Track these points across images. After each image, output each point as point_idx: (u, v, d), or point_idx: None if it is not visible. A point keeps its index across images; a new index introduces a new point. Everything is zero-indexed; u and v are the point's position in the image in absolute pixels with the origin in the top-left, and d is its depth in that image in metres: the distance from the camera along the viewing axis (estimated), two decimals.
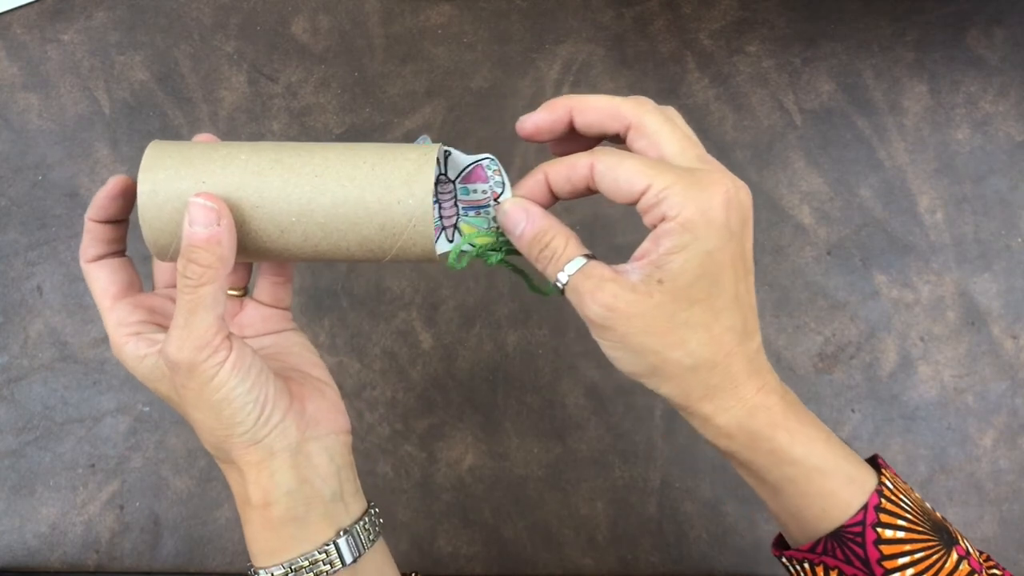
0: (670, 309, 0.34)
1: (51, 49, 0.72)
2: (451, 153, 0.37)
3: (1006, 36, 0.72)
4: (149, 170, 0.36)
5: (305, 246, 0.36)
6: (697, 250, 0.33)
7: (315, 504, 0.37)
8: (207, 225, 0.34)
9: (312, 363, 0.42)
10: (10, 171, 0.70)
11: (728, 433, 0.36)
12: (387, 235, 0.36)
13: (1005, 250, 0.69)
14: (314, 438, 0.38)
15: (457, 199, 0.38)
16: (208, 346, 0.35)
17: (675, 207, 0.33)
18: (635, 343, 0.35)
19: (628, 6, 0.73)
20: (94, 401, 0.67)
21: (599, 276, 0.35)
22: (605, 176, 0.35)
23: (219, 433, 0.36)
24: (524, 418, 0.66)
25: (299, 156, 0.36)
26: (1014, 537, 0.65)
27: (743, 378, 0.36)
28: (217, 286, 0.35)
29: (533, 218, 0.36)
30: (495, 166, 0.38)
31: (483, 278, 0.68)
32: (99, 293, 0.39)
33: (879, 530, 0.36)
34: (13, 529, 0.65)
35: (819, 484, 0.36)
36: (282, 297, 0.44)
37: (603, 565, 0.64)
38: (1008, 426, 0.66)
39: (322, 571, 0.36)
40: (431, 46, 0.72)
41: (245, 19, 0.72)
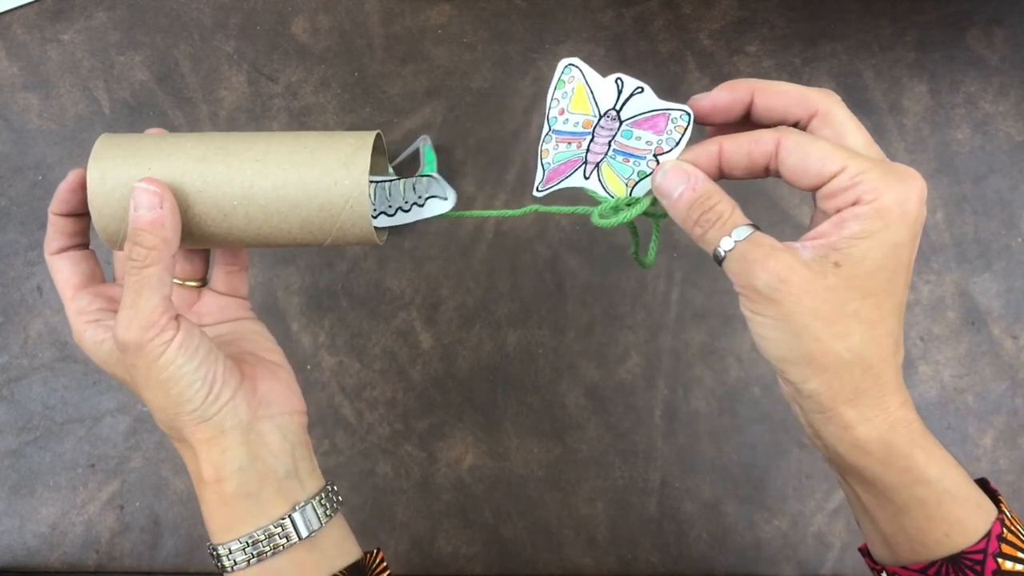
0: (843, 296, 0.33)
1: (51, 49, 0.72)
2: (643, 91, 0.36)
3: (1006, 36, 0.72)
4: (98, 159, 0.37)
5: (248, 229, 0.37)
6: (885, 240, 0.32)
7: (268, 480, 0.38)
8: (150, 208, 0.35)
9: (267, 348, 0.43)
10: (10, 171, 0.70)
11: (865, 445, 0.34)
12: (326, 216, 0.37)
13: (1005, 250, 0.69)
14: (267, 417, 0.39)
15: (615, 139, 0.37)
16: (155, 326, 0.36)
17: (872, 192, 0.32)
18: (799, 323, 0.33)
19: (628, 6, 0.73)
20: (94, 401, 0.67)
21: (770, 245, 0.34)
22: (793, 153, 0.34)
23: (169, 411, 0.37)
24: (524, 418, 0.66)
25: (243, 143, 0.37)
26: None
27: (891, 388, 0.34)
28: (162, 267, 0.36)
29: (696, 181, 0.35)
30: (684, 121, 0.36)
31: (483, 278, 0.68)
32: (61, 284, 0.40)
33: (1000, 560, 0.34)
34: (13, 529, 0.65)
35: (948, 508, 0.35)
36: (237, 286, 0.45)
37: (603, 565, 0.64)
38: (1008, 426, 0.66)
39: (278, 544, 0.37)
40: (431, 46, 0.72)
41: (245, 19, 0.72)
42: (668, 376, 0.67)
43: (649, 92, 0.36)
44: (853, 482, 0.36)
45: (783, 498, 0.65)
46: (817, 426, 0.35)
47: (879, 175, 0.33)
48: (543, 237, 0.69)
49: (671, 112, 0.36)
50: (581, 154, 0.37)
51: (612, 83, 0.36)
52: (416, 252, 0.69)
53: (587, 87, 0.36)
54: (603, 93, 0.36)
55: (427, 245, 0.69)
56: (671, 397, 0.67)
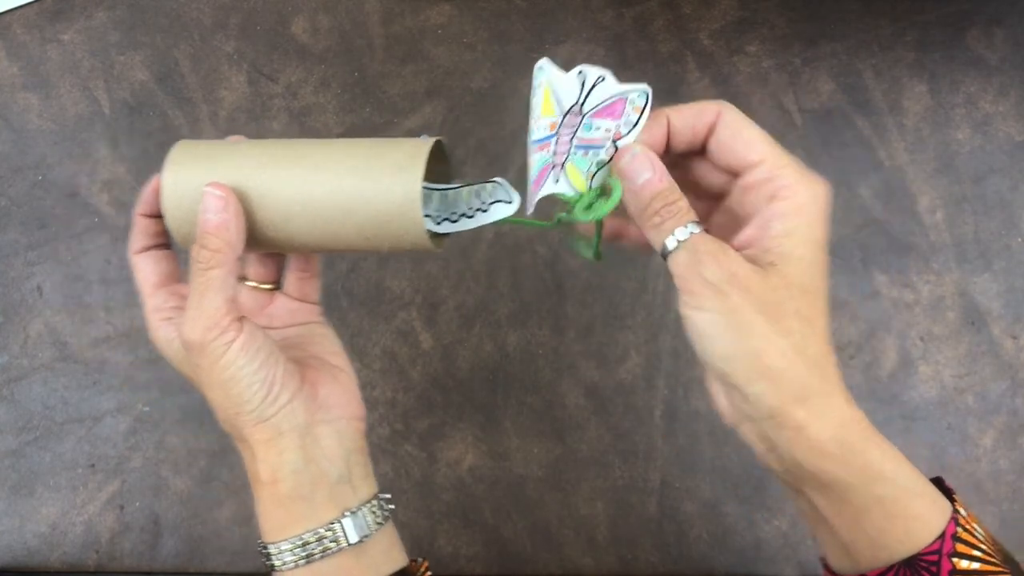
0: (783, 294, 0.33)
1: (51, 49, 0.72)
2: (604, 80, 0.36)
3: (1006, 36, 0.72)
4: (172, 164, 0.39)
5: (309, 234, 0.38)
6: (809, 237, 0.33)
7: (321, 484, 0.38)
8: (216, 212, 0.37)
9: (332, 352, 0.44)
10: (10, 171, 0.70)
11: (821, 446, 0.34)
12: (380, 223, 0.37)
13: (1005, 250, 0.69)
14: (325, 421, 0.40)
15: (576, 135, 0.37)
16: (217, 326, 0.36)
17: (789, 189, 0.33)
18: (744, 319, 0.33)
19: (628, 6, 0.73)
20: (94, 401, 0.67)
21: (721, 243, 0.34)
22: (727, 127, 0.34)
23: (229, 411, 0.38)
24: (524, 418, 0.66)
25: (304, 149, 0.38)
26: (1014, 537, 0.65)
27: (836, 384, 0.34)
28: (226, 270, 0.37)
29: (662, 173, 0.35)
30: (641, 101, 0.36)
31: (483, 278, 0.68)
32: (141, 281, 0.41)
33: (955, 560, 0.34)
34: (13, 529, 0.65)
35: (906, 505, 0.35)
36: (308, 292, 0.45)
37: (603, 565, 0.64)
38: (1008, 426, 0.66)
39: (328, 548, 0.37)
40: (431, 46, 0.72)
41: (245, 19, 0.72)
42: (668, 376, 0.67)
43: (610, 79, 0.36)
44: (810, 491, 0.36)
45: (783, 498, 0.65)
46: (771, 435, 0.35)
47: (794, 173, 0.34)
48: (543, 237, 0.69)
49: (629, 94, 0.36)
50: (549, 158, 0.36)
51: (575, 78, 0.36)
52: (416, 252, 0.68)
53: (552, 88, 0.36)
54: (566, 91, 0.36)
55: None
56: (671, 397, 0.67)
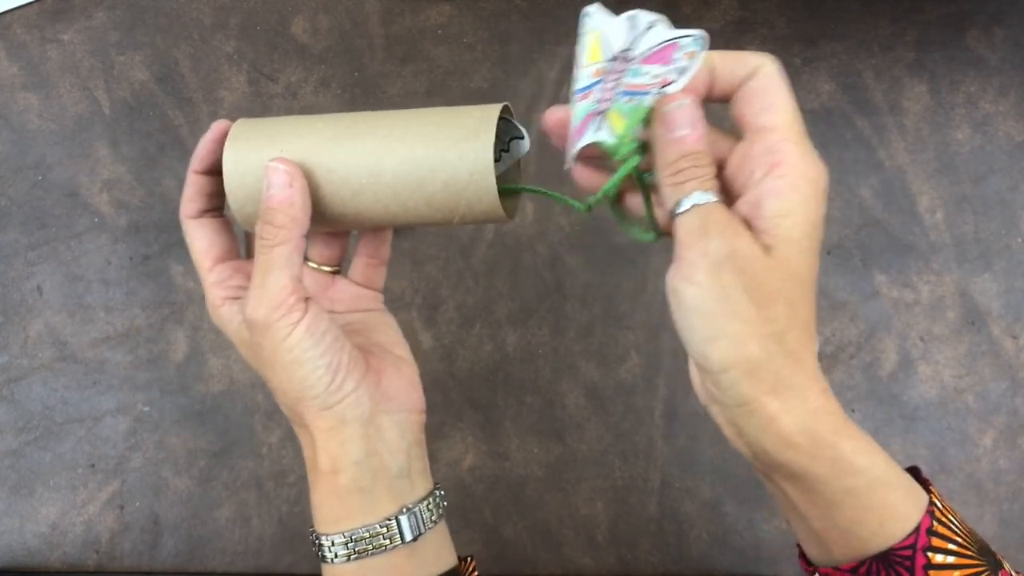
0: (776, 278, 0.32)
1: (51, 49, 0.72)
2: (655, 26, 0.34)
3: (1006, 36, 0.72)
4: (234, 141, 0.37)
5: (376, 208, 0.37)
6: (805, 219, 0.32)
7: (381, 477, 0.37)
8: (281, 187, 0.35)
9: (395, 341, 0.43)
10: (10, 171, 0.70)
11: (790, 437, 0.33)
12: (451, 192, 0.36)
13: (1005, 250, 0.69)
14: (387, 412, 0.38)
15: (622, 80, 0.34)
16: (283, 305, 0.35)
17: (789, 166, 0.32)
18: (733, 300, 0.32)
19: (628, 6, 0.73)
20: (94, 401, 0.67)
21: (731, 216, 0.32)
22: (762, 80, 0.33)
23: (292, 395, 0.37)
24: (524, 418, 0.66)
25: (371, 121, 0.37)
26: (1014, 537, 0.65)
27: (811, 376, 0.33)
28: (291, 246, 0.36)
29: (701, 132, 0.33)
30: (695, 47, 0.33)
31: (483, 278, 0.68)
32: (199, 253, 0.39)
33: (929, 554, 0.34)
34: (13, 529, 0.65)
35: (881, 496, 0.34)
36: (374, 279, 0.44)
37: (603, 565, 0.64)
38: (1008, 426, 0.66)
39: (381, 545, 0.37)
40: (431, 46, 0.72)
41: (245, 19, 0.72)
42: (668, 376, 0.67)
43: (662, 24, 0.34)
44: (780, 479, 0.35)
45: None
46: (740, 423, 0.34)
47: (799, 151, 0.32)
48: (543, 237, 0.69)
49: (681, 39, 0.33)
50: (593, 106, 0.34)
51: (625, 22, 0.34)
52: (416, 252, 0.69)
53: (601, 34, 0.34)
54: (615, 35, 0.34)
55: (427, 245, 0.69)
56: (671, 397, 0.67)
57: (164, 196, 0.69)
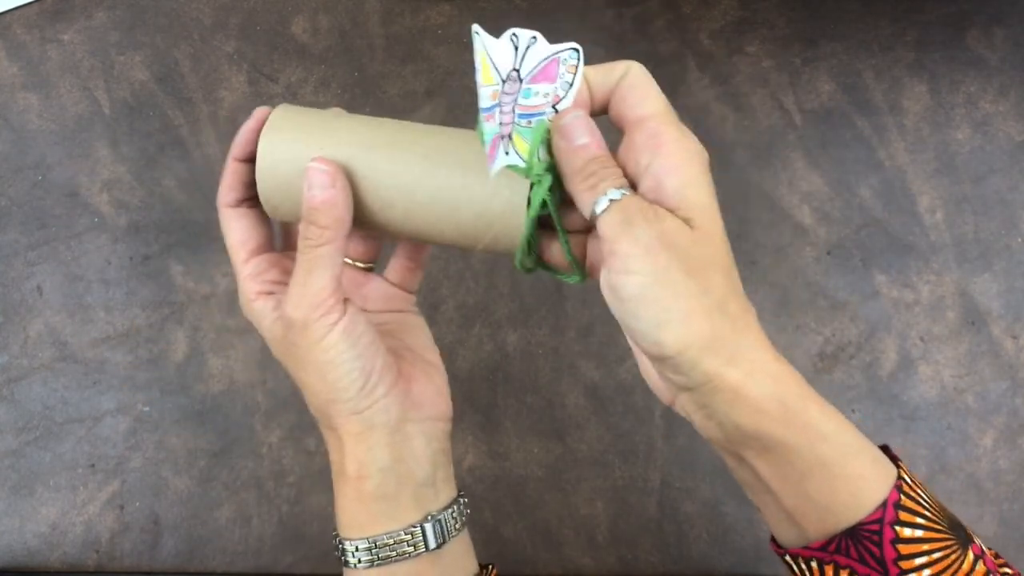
0: (705, 248, 0.33)
1: (51, 49, 0.72)
2: (536, 41, 0.35)
3: (1006, 36, 0.72)
4: (271, 130, 0.37)
5: (405, 223, 0.37)
6: (705, 187, 0.33)
7: (406, 485, 0.38)
8: (323, 188, 0.35)
9: (425, 346, 0.42)
10: (10, 171, 0.70)
11: (760, 404, 0.33)
12: (482, 224, 0.36)
13: (1005, 250, 0.69)
14: (415, 420, 0.38)
15: (516, 103, 0.36)
16: (322, 305, 0.35)
17: (674, 143, 0.33)
18: (673, 278, 0.32)
19: (628, 6, 0.73)
20: (94, 401, 0.67)
21: (650, 202, 0.33)
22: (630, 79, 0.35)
23: (323, 397, 0.37)
24: (524, 418, 0.66)
25: (412, 135, 0.37)
26: (1014, 537, 0.65)
27: (762, 341, 0.34)
28: (334, 247, 0.36)
29: (599, 138, 0.35)
30: (573, 60, 0.35)
31: (483, 278, 0.68)
32: (235, 243, 0.39)
33: (898, 528, 0.34)
34: (13, 529, 0.65)
35: (851, 465, 0.34)
36: (410, 281, 0.44)
37: (603, 565, 0.64)
38: (1008, 426, 0.66)
39: (405, 552, 0.37)
40: (431, 46, 0.72)
41: (245, 19, 0.72)
42: None
43: (541, 40, 0.35)
44: (752, 456, 0.35)
45: None
46: (707, 402, 0.34)
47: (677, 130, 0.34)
48: None
49: (560, 54, 0.35)
50: (496, 128, 0.35)
51: (508, 42, 0.35)
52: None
53: (487, 55, 0.35)
54: (501, 56, 0.35)
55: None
56: None
57: (164, 196, 0.69)
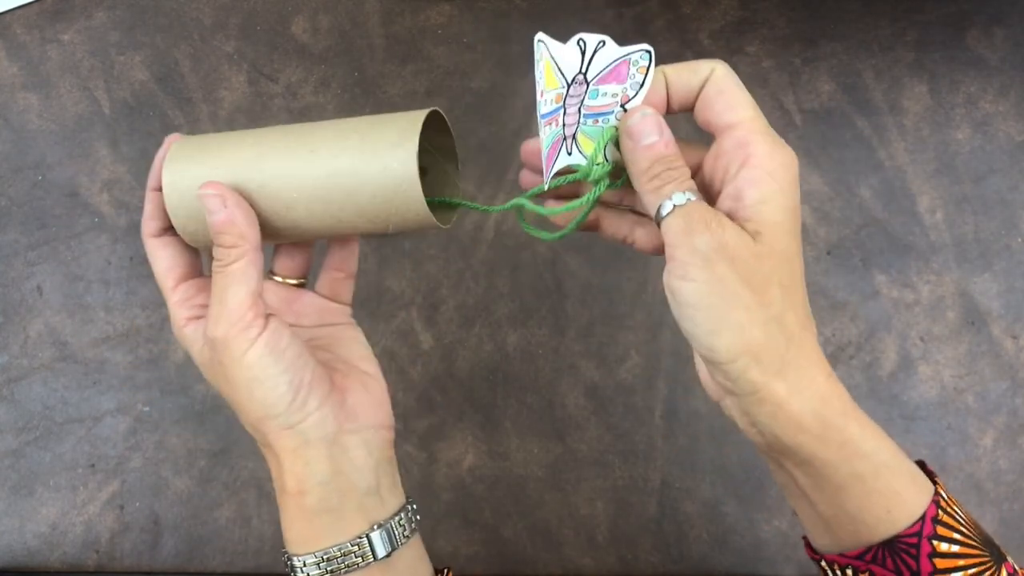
0: (768, 263, 0.33)
1: (51, 49, 0.72)
2: (605, 44, 0.35)
3: (1006, 36, 0.72)
4: (171, 163, 0.38)
5: (311, 221, 0.37)
6: (783, 204, 0.33)
7: (349, 496, 0.37)
8: (218, 211, 0.36)
9: (362, 356, 0.42)
10: (10, 171, 0.70)
11: (801, 420, 0.33)
12: (380, 203, 0.36)
13: (1005, 250, 0.69)
14: (353, 431, 0.38)
15: (583, 103, 0.36)
16: (241, 320, 0.35)
17: (761, 156, 0.33)
18: (730, 289, 0.32)
19: (628, 6, 0.73)
20: (94, 401, 0.67)
21: (715, 211, 0.33)
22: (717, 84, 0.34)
23: (253, 415, 0.36)
24: (524, 418, 0.66)
25: (298, 135, 0.38)
26: (1014, 537, 0.65)
27: (815, 358, 0.34)
28: (246, 261, 0.36)
29: (669, 138, 0.35)
30: (644, 61, 0.35)
31: (483, 278, 0.68)
32: (162, 272, 0.39)
33: (935, 543, 0.34)
34: (13, 529, 0.65)
35: (887, 481, 0.34)
36: (342, 293, 0.44)
37: (603, 565, 0.64)
38: (1008, 426, 0.66)
39: (354, 563, 0.36)
40: (431, 46, 0.72)
41: (245, 19, 0.72)
42: (668, 376, 0.67)
43: (611, 43, 0.35)
44: (790, 465, 0.35)
45: (783, 498, 0.65)
46: (752, 411, 0.34)
47: (767, 140, 0.34)
48: None
49: (631, 55, 0.35)
50: (560, 131, 0.36)
51: (575, 47, 0.35)
52: (416, 252, 0.69)
53: (552, 60, 0.36)
54: (567, 61, 0.36)
55: (427, 245, 0.69)
56: (671, 397, 0.67)
57: None
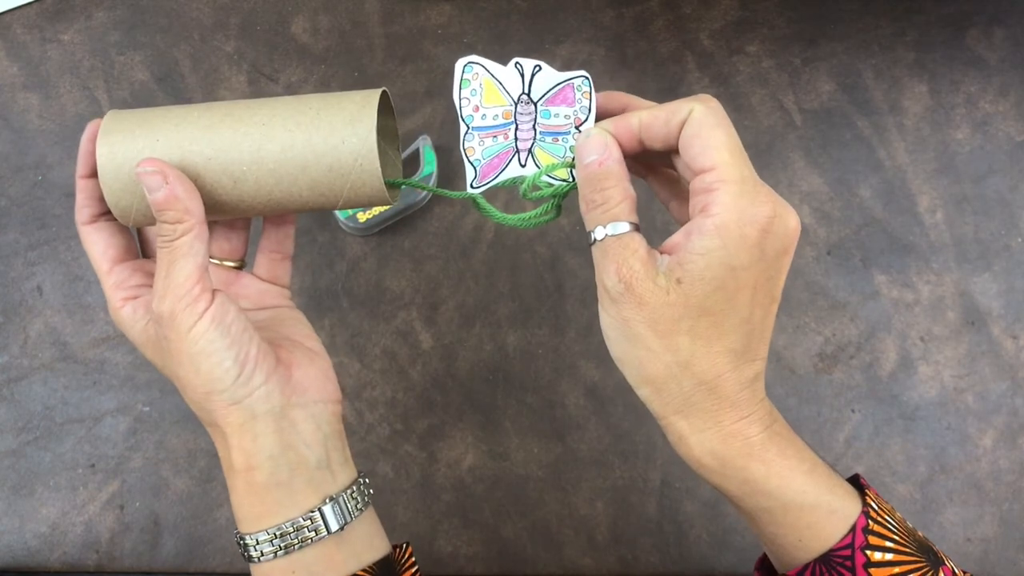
0: (679, 312, 0.33)
1: (51, 49, 0.72)
2: (541, 69, 0.37)
3: (1006, 36, 0.72)
4: (106, 134, 0.37)
5: (259, 195, 0.37)
6: (721, 261, 0.32)
7: (299, 470, 0.37)
8: (158, 188, 0.35)
9: (305, 335, 0.42)
10: (10, 171, 0.70)
11: (700, 458, 0.35)
12: (335, 176, 0.36)
13: (1005, 250, 0.69)
14: (300, 405, 0.38)
15: (537, 122, 0.38)
16: (188, 295, 0.35)
17: (719, 206, 0.32)
18: (634, 330, 0.34)
19: (628, 6, 0.73)
20: (94, 401, 0.67)
21: (633, 250, 0.34)
22: (693, 126, 0.33)
23: (199, 390, 0.36)
24: (524, 418, 0.66)
25: (248, 109, 0.37)
26: (1014, 537, 0.65)
27: (727, 404, 0.34)
28: (192, 235, 0.35)
29: (607, 158, 0.35)
30: (587, 86, 0.37)
31: (483, 278, 0.68)
32: (97, 256, 0.39)
33: (868, 553, 0.35)
34: (13, 529, 0.65)
35: (795, 517, 0.35)
36: (280, 274, 0.44)
37: (603, 565, 0.64)
38: (1008, 426, 0.66)
39: (307, 537, 0.36)
40: (431, 46, 0.72)
41: (245, 19, 0.72)
42: None
43: (547, 67, 0.37)
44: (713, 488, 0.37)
45: None
46: (665, 433, 0.36)
47: (735, 192, 0.32)
48: (543, 237, 0.69)
49: (572, 81, 0.37)
50: (511, 144, 0.38)
51: (513, 69, 0.37)
52: (416, 252, 0.69)
53: (493, 79, 0.37)
54: (509, 81, 0.37)
55: (427, 245, 0.69)
56: None
57: None
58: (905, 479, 0.65)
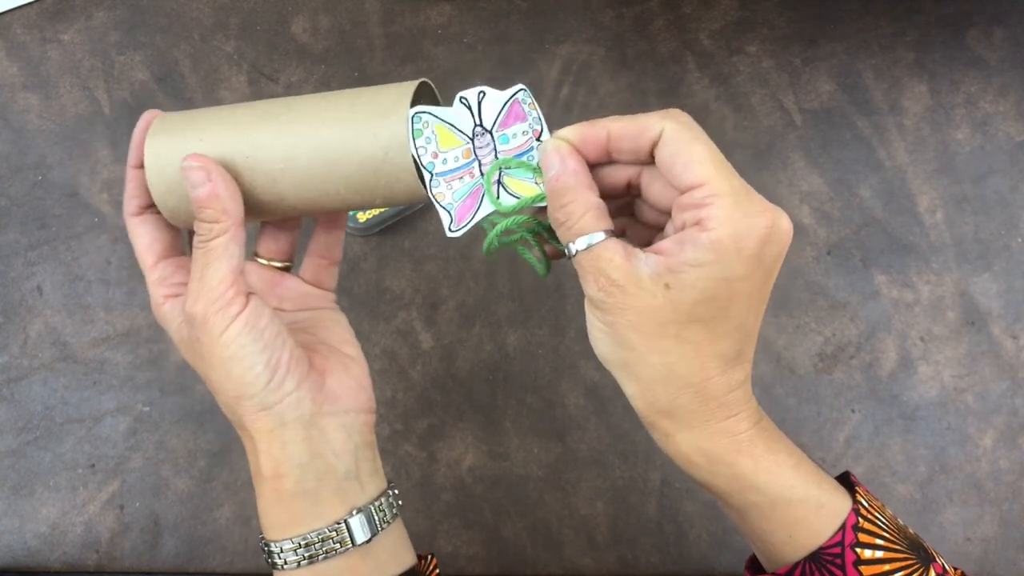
0: (666, 317, 0.33)
1: (51, 49, 0.72)
2: (485, 94, 0.35)
3: (1006, 36, 0.72)
4: (153, 136, 0.37)
5: (298, 194, 0.37)
6: (715, 274, 0.32)
7: (327, 480, 0.37)
8: (201, 184, 0.35)
9: (344, 340, 0.42)
10: (10, 171, 0.70)
11: (687, 455, 0.35)
12: (368, 172, 0.35)
13: (1005, 250, 0.69)
14: (332, 413, 0.37)
15: (496, 150, 0.36)
16: (221, 298, 0.35)
17: (714, 220, 0.31)
18: (620, 333, 0.34)
19: (628, 6, 0.73)
20: (94, 401, 0.67)
21: (609, 259, 0.33)
22: (669, 146, 0.32)
23: (230, 394, 0.36)
24: (524, 418, 0.66)
25: (285, 106, 0.37)
26: (1014, 537, 0.65)
27: (714, 405, 0.34)
28: (228, 237, 0.35)
29: (565, 171, 0.34)
30: (529, 98, 0.35)
31: (483, 278, 0.68)
32: (142, 250, 0.39)
33: (858, 550, 0.35)
34: (13, 529, 0.65)
35: (783, 512, 0.35)
36: (325, 279, 0.44)
37: (603, 565, 0.64)
38: (1008, 426, 0.66)
39: (332, 549, 0.36)
40: (431, 46, 0.72)
41: (245, 19, 0.72)
42: None
43: (490, 91, 0.36)
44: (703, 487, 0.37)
45: None
46: (651, 433, 0.36)
47: (729, 205, 0.32)
48: None
49: (516, 95, 0.35)
50: (478, 182, 0.36)
51: (459, 105, 0.36)
52: (416, 252, 0.69)
53: (444, 123, 0.36)
54: (459, 119, 0.36)
55: (427, 245, 0.69)
56: None
57: None
58: (905, 479, 0.65)
